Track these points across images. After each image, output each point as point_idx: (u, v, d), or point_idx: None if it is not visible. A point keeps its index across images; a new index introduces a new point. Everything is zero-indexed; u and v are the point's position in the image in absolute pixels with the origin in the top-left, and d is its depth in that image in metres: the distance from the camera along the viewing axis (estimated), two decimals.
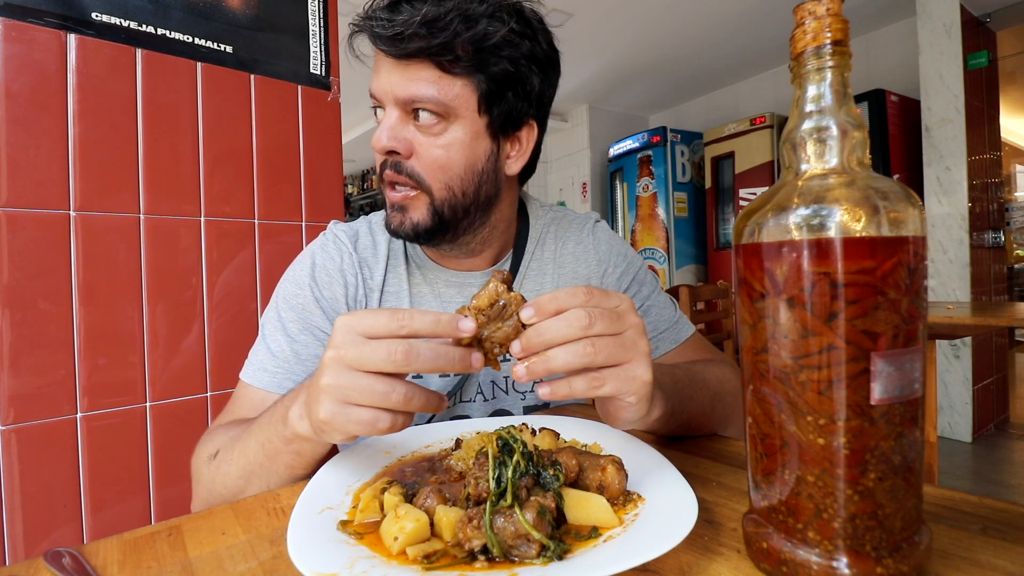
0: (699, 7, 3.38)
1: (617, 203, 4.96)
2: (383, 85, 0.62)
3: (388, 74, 0.61)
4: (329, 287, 0.71)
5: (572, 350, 0.41)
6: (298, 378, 0.68)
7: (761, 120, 3.94)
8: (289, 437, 0.50)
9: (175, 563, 0.38)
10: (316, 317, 0.70)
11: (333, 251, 0.74)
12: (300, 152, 0.99)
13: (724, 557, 0.36)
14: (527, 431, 0.54)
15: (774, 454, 0.33)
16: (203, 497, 0.59)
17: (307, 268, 0.73)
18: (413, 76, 0.60)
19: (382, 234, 0.76)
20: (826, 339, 0.30)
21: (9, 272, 0.72)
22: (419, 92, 0.61)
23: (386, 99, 0.63)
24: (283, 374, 0.68)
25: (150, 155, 0.83)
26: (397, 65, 0.61)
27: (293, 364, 0.68)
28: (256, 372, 0.68)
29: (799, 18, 0.33)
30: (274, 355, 0.68)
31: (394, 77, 0.61)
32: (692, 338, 0.81)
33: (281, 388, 0.67)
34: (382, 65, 0.62)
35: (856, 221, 0.30)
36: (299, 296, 0.71)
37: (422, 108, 0.62)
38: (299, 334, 0.69)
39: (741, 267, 0.35)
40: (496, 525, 0.35)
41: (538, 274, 0.79)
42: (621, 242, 0.85)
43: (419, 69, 0.60)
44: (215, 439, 0.61)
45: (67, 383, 0.77)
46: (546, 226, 0.82)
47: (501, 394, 0.77)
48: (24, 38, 0.74)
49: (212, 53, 0.89)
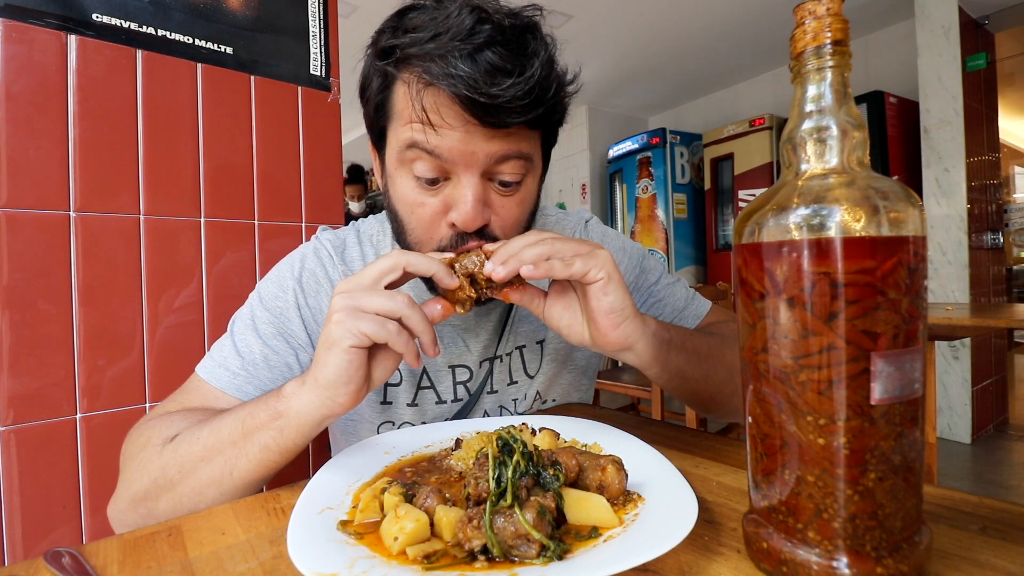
0: (698, 8, 3.39)
1: (616, 204, 4.96)
2: (462, 147, 0.53)
3: (468, 136, 0.52)
4: (315, 296, 0.68)
5: (538, 245, 0.50)
6: (263, 385, 0.63)
7: (760, 121, 3.95)
8: (280, 410, 0.49)
9: (175, 563, 0.38)
10: (294, 324, 0.66)
11: (324, 258, 0.70)
12: (300, 153, 0.99)
13: (724, 557, 0.36)
14: (527, 431, 0.54)
15: (774, 454, 0.33)
16: (142, 487, 0.52)
17: (294, 271, 0.69)
18: (502, 137, 0.53)
19: (370, 245, 0.74)
20: (826, 339, 0.30)
21: (9, 273, 0.72)
22: (514, 149, 0.55)
23: (466, 164, 0.53)
24: (245, 377, 0.62)
25: (150, 156, 0.83)
26: (481, 128, 0.52)
27: (261, 369, 0.63)
28: (216, 369, 0.63)
29: (799, 18, 0.33)
30: (240, 355, 0.63)
31: (476, 139, 0.53)
32: (713, 309, 0.81)
33: (241, 392, 0.62)
34: (456, 122, 0.52)
35: (856, 221, 0.30)
36: (280, 298, 0.67)
37: (508, 168, 0.55)
38: (271, 338, 0.65)
39: (741, 267, 0.35)
40: (496, 525, 0.35)
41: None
42: (616, 235, 0.84)
43: (511, 131, 0.54)
44: (170, 423, 0.56)
45: (67, 384, 0.77)
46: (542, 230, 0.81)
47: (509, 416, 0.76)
48: (24, 39, 0.74)
49: (212, 54, 0.89)
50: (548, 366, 0.76)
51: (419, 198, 0.57)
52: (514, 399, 0.75)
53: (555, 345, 0.76)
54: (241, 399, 0.61)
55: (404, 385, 0.70)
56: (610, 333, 0.52)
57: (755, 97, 4.55)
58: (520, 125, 0.53)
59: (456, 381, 0.72)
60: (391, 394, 0.70)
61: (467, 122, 0.52)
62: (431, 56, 0.50)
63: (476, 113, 0.50)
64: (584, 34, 3.69)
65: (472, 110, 0.50)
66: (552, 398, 0.78)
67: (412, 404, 0.70)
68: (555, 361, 0.76)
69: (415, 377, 0.70)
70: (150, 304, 0.83)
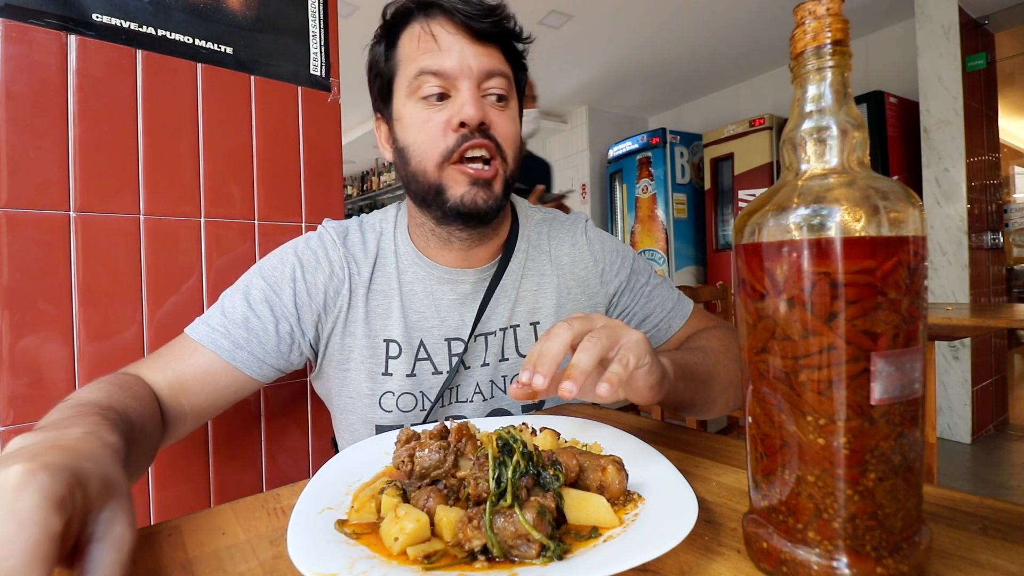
0: (698, 9, 3.39)
1: (616, 204, 4.96)
2: (460, 61, 0.66)
3: (462, 52, 0.66)
4: (312, 271, 0.71)
5: (585, 348, 0.45)
6: (238, 343, 0.65)
7: (760, 121, 3.95)
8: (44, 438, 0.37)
9: (175, 563, 0.38)
10: (284, 294, 0.69)
11: (327, 240, 0.75)
12: (300, 153, 0.99)
13: (724, 557, 0.36)
14: (527, 431, 0.54)
15: (774, 454, 0.33)
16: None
17: (297, 248, 0.73)
18: (487, 54, 0.67)
19: (372, 232, 0.77)
20: (826, 339, 0.30)
21: (9, 273, 0.72)
22: (497, 66, 0.68)
23: (464, 75, 0.66)
24: (222, 333, 0.65)
25: (150, 156, 0.83)
26: (472, 43, 0.66)
27: (239, 328, 0.66)
28: (198, 324, 0.66)
29: (799, 18, 0.33)
30: (224, 314, 0.67)
31: (468, 54, 0.66)
32: (695, 310, 0.86)
33: (216, 346, 0.65)
34: (452, 44, 0.66)
35: (856, 221, 0.30)
36: (277, 269, 0.71)
37: (496, 83, 0.68)
38: (258, 304, 0.68)
39: (741, 267, 0.35)
40: (496, 525, 0.35)
41: (536, 275, 0.80)
42: (610, 238, 0.87)
43: (492, 50, 0.68)
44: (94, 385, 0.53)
45: (67, 384, 0.76)
46: (537, 226, 0.84)
47: (500, 394, 0.78)
48: (24, 39, 0.74)
49: (212, 54, 0.89)
50: None
51: (428, 114, 0.67)
52: (504, 375, 0.77)
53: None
54: (216, 352, 0.65)
55: (403, 357, 0.73)
56: (651, 398, 0.53)
57: (755, 97, 4.55)
58: (496, 45, 0.68)
59: (451, 353, 0.75)
60: (392, 366, 0.73)
61: (460, 36, 0.66)
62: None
63: (466, 23, 0.65)
64: (584, 34, 3.69)
65: (463, 22, 0.65)
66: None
67: (411, 375, 0.74)
68: None
69: (413, 350, 0.74)
70: (150, 304, 0.83)
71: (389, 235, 0.78)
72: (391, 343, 0.73)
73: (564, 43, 3.81)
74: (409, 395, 0.74)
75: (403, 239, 0.77)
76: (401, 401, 0.74)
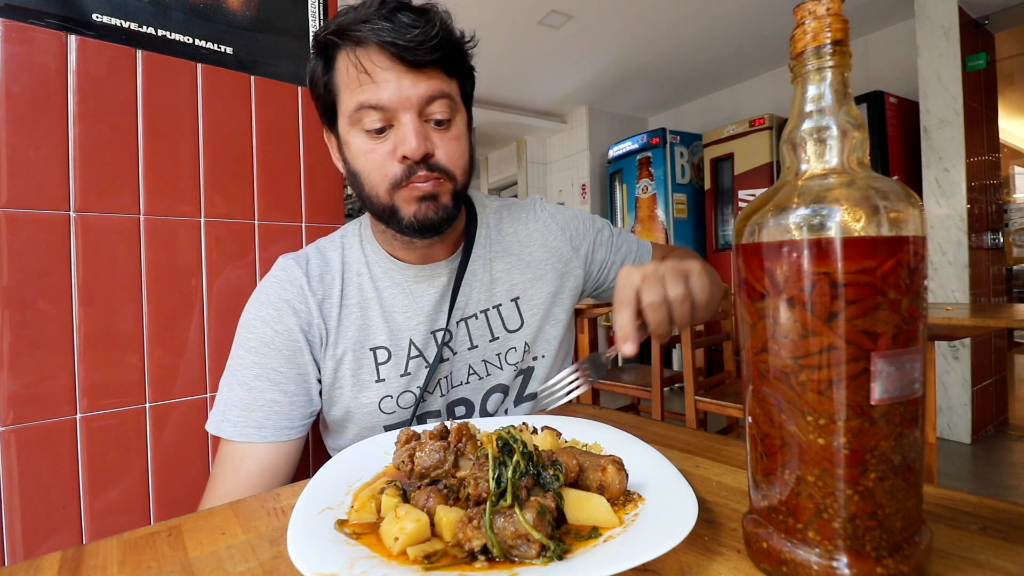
0: (698, 9, 3.39)
1: (616, 204, 4.96)
2: (398, 93, 0.64)
3: (399, 83, 0.64)
4: (279, 321, 0.71)
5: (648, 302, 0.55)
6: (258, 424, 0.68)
7: (760, 121, 3.94)
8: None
9: (175, 563, 0.38)
10: (270, 359, 0.70)
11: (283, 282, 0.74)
12: (300, 153, 0.99)
13: (724, 557, 0.36)
14: (527, 431, 0.54)
15: (774, 454, 0.33)
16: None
17: (258, 306, 0.73)
18: (426, 80, 0.65)
19: (333, 250, 0.78)
20: (826, 339, 0.30)
21: (9, 273, 0.72)
22: (437, 89, 0.66)
23: (403, 107, 0.64)
24: (243, 423, 0.68)
25: (150, 156, 0.83)
26: (408, 72, 0.64)
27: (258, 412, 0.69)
28: (223, 425, 0.68)
29: (799, 18, 0.33)
30: (235, 404, 0.69)
31: (406, 84, 0.64)
32: (655, 245, 0.98)
33: (247, 437, 0.67)
34: (388, 78, 0.64)
35: (856, 221, 0.30)
36: (251, 340, 0.71)
37: (437, 108, 0.66)
38: (255, 380, 0.69)
39: (741, 267, 0.35)
40: (496, 525, 0.35)
41: (504, 254, 0.83)
42: (566, 208, 0.93)
43: (431, 73, 0.66)
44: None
45: (67, 384, 0.76)
46: (496, 212, 0.87)
47: (495, 370, 0.80)
48: (24, 39, 0.74)
49: (212, 54, 0.89)
50: (531, 320, 0.82)
51: (371, 146, 0.67)
52: (497, 353, 0.80)
53: (533, 302, 0.82)
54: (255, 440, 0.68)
55: (392, 361, 0.74)
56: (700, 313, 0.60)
57: (755, 97, 4.55)
58: (436, 68, 0.66)
59: (439, 343, 0.76)
60: (383, 372, 0.74)
61: (396, 69, 0.64)
62: (358, 24, 0.63)
63: (400, 55, 0.62)
64: (584, 34, 3.69)
65: (397, 54, 0.62)
66: (541, 353, 0.84)
67: (405, 374, 0.75)
68: (537, 315, 0.82)
69: (404, 350, 0.75)
70: (150, 304, 0.83)
71: (355, 247, 0.79)
72: (378, 350, 0.74)
73: (564, 43, 3.81)
74: (408, 393, 0.75)
75: (372, 247, 0.78)
76: (402, 399, 0.75)
